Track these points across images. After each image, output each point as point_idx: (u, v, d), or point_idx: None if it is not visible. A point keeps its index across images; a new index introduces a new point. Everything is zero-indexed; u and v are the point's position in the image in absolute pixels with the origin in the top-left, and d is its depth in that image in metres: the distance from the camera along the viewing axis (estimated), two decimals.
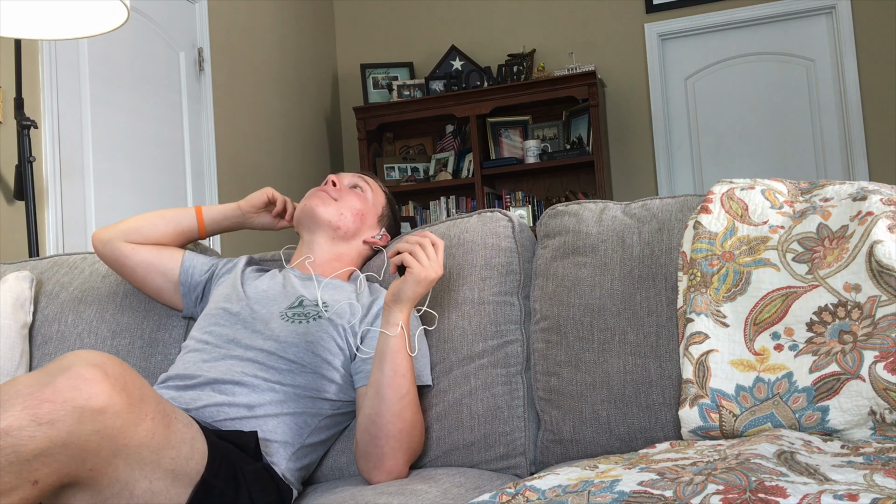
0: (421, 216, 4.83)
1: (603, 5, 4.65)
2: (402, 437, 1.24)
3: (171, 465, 1.02)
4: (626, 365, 1.30)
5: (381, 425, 1.23)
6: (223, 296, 1.44)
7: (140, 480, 0.98)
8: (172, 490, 1.03)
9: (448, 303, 1.42)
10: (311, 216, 1.49)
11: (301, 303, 1.39)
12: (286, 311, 1.37)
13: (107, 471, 0.95)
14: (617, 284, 1.35)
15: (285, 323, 1.34)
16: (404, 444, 1.25)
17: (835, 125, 4.36)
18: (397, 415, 1.23)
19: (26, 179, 2.46)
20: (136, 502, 0.99)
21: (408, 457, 1.27)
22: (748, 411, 1.14)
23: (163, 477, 1.01)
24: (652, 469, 0.87)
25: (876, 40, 4.26)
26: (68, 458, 0.89)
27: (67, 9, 2.26)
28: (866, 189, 1.26)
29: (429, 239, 1.28)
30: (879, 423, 1.07)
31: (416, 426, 1.27)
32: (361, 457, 1.26)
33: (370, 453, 1.25)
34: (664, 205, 1.42)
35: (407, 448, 1.26)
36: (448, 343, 1.40)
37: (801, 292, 1.18)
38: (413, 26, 5.00)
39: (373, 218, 1.55)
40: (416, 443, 1.28)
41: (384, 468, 1.24)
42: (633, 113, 4.62)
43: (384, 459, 1.24)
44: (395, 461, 1.24)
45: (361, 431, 1.26)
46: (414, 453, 1.29)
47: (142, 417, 0.97)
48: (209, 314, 1.42)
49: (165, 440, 1.01)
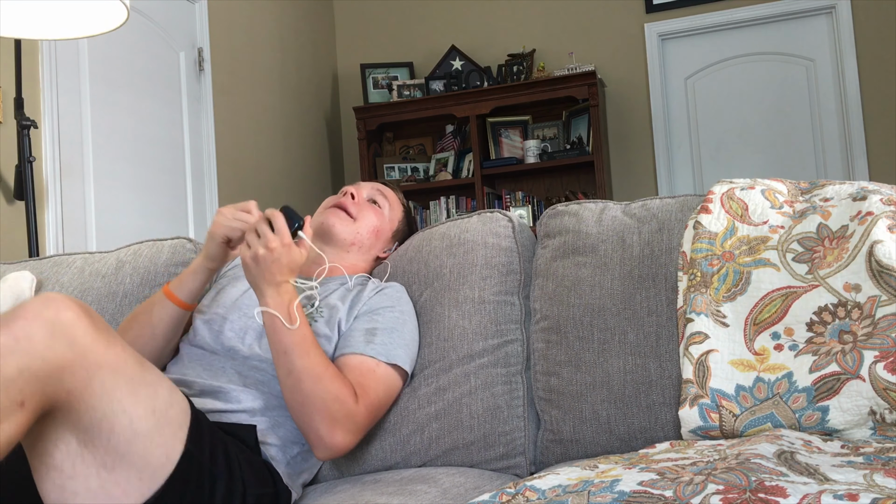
0: (421, 216, 4.83)
1: (603, 5, 4.65)
2: (307, 410, 1.21)
3: (149, 403, 1.01)
4: (626, 365, 1.30)
5: (289, 406, 1.23)
6: (220, 301, 1.43)
7: (119, 414, 0.98)
8: (157, 437, 1.02)
9: (448, 302, 1.42)
10: (328, 233, 1.48)
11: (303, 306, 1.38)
12: None
13: (84, 395, 0.95)
14: (617, 284, 1.35)
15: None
16: (314, 414, 1.20)
17: (835, 125, 4.36)
18: (291, 390, 1.21)
19: (26, 179, 2.46)
20: (117, 439, 0.98)
21: (329, 425, 1.21)
22: (748, 411, 1.14)
23: (144, 416, 1.00)
24: (652, 469, 0.87)
25: (876, 40, 4.26)
26: (47, 375, 0.91)
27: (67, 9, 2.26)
28: (866, 189, 1.26)
29: (262, 218, 1.25)
30: (879, 423, 1.07)
31: (322, 394, 1.20)
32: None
33: (302, 434, 1.25)
34: (664, 205, 1.42)
35: (321, 417, 1.20)
36: (448, 342, 1.40)
37: (801, 292, 1.18)
38: (413, 26, 5.00)
39: (388, 233, 1.55)
40: (334, 410, 1.21)
41: (312, 442, 1.23)
42: (633, 113, 4.62)
43: (308, 434, 1.23)
44: (315, 434, 1.21)
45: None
46: (337, 420, 1.22)
47: (111, 342, 0.99)
48: (206, 320, 1.40)
49: (140, 375, 1.01)
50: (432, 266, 1.47)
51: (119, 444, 0.98)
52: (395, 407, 1.39)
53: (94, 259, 1.74)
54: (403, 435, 1.37)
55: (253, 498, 1.15)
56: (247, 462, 1.17)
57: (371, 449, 1.38)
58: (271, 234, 1.23)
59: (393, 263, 1.53)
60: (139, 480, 1.01)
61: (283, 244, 1.23)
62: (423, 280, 1.46)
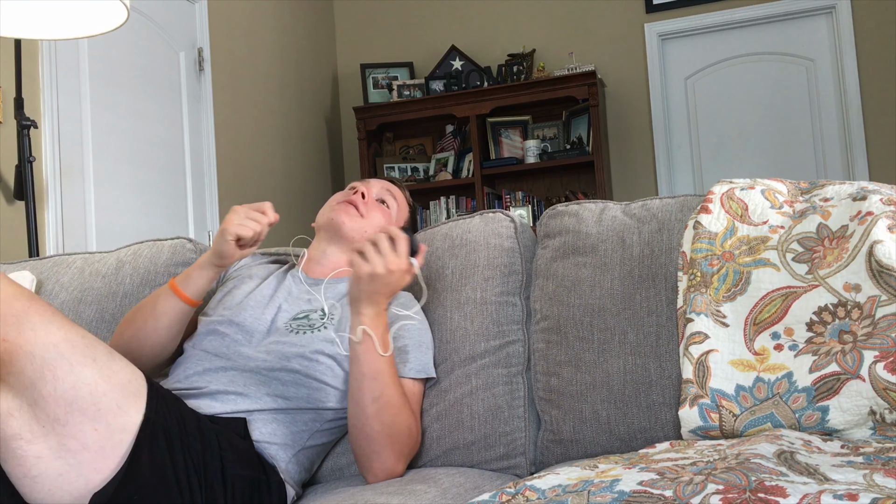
0: (421, 216, 4.83)
1: (603, 5, 4.65)
2: (382, 439, 1.22)
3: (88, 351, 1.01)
4: (626, 365, 1.30)
5: (360, 428, 1.23)
6: (226, 303, 1.42)
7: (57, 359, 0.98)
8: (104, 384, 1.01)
9: (450, 303, 1.42)
10: (336, 230, 1.47)
11: (307, 315, 1.37)
12: (290, 322, 1.36)
13: (18, 341, 0.96)
14: (617, 284, 1.35)
15: (289, 334, 1.33)
16: (387, 445, 1.23)
17: (835, 125, 4.36)
18: (373, 417, 1.21)
19: (26, 179, 2.46)
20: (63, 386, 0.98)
21: (396, 456, 1.24)
22: (748, 411, 1.14)
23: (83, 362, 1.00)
24: (652, 469, 0.87)
25: (876, 40, 4.26)
26: None
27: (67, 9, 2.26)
28: (866, 189, 1.26)
29: (384, 234, 1.24)
30: (879, 422, 1.07)
31: (398, 426, 1.24)
32: (356, 458, 1.27)
33: (359, 455, 1.25)
34: (664, 205, 1.42)
35: (392, 448, 1.23)
36: (450, 343, 1.40)
37: (800, 292, 1.18)
38: (413, 26, 5.00)
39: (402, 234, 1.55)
40: (404, 443, 1.25)
41: (372, 469, 1.24)
42: (633, 113, 4.62)
43: (371, 460, 1.24)
44: (381, 462, 1.23)
45: (350, 435, 1.26)
46: (403, 453, 1.27)
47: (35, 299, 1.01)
48: (210, 321, 1.39)
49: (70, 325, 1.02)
50: (434, 267, 1.47)
51: (66, 391, 0.98)
52: None
53: (94, 259, 1.74)
54: None
55: (232, 478, 1.14)
56: (228, 443, 1.17)
57: None
58: (394, 255, 1.21)
59: None
60: (95, 432, 1.01)
61: (401, 269, 1.22)
62: (425, 281, 1.46)
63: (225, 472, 1.13)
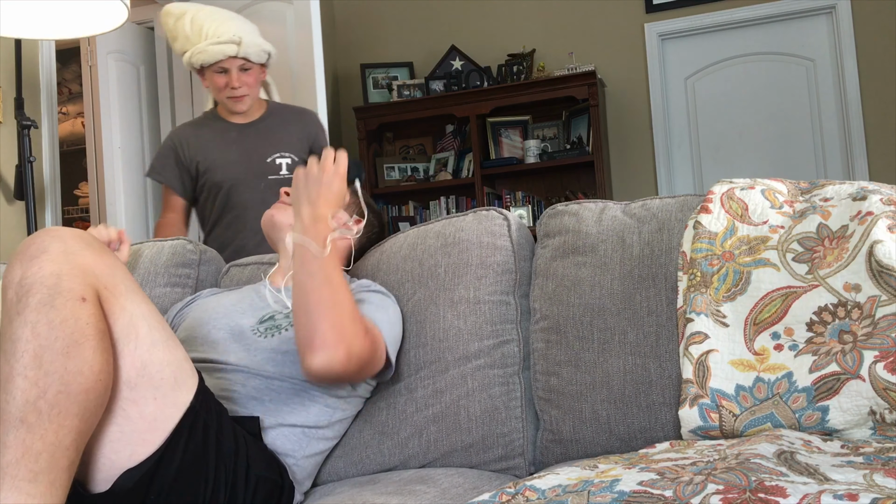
0: (421, 216, 4.83)
1: (603, 5, 4.65)
2: (321, 311, 1.17)
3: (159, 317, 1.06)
4: (626, 365, 1.30)
5: (299, 308, 1.20)
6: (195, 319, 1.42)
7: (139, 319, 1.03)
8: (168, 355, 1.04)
9: (443, 302, 1.42)
10: (270, 226, 1.50)
11: (272, 316, 1.38)
12: (257, 325, 1.36)
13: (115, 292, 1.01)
14: (617, 284, 1.35)
15: (257, 338, 1.33)
16: (325, 317, 1.18)
17: (835, 125, 4.36)
18: (310, 291, 1.19)
19: (26, 179, 2.47)
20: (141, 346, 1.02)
21: (336, 334, 1.17)
22: (748, 411, 1.14)
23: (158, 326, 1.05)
24: (652, 469, 0.87)
25: (876, 40, 4.26)
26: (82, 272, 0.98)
27: (67, 9, 2.26)
28: (866, 189, 1.26)
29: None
30: (879, 422, 1.07)
31: (340, 304, 1.20)
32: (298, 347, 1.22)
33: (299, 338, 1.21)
34: (664, 205, 1.42)
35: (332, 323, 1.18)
36: (444, 343, 1.39)
37: (801, 292, 1.18)
38: (413, 26, 4.99)
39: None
40: (346, 320, 1.19)
41: (312, 346, 1.17)
42: (633, 113, 4.61)
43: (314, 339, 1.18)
44: (321, 337, 1.17)
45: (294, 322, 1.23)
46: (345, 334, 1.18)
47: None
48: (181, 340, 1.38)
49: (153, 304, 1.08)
50: (427, 265, 1.46)
51: (143, 353, 1.01)
52: (392, 410, 1.39)
53: None
54: (402, 438, 1.37)
55: (255, 479, 1.14)
56: (254, 444, 1.18)
57: (369, 452, 1.38)
58: (331, 161, 1.30)
59: (386, 261, 1.52)
60: (154, 401, 1.02)
61: (336, 172, 1.29)
62: (418, 279, 1.46)
63: (249, 472, 1.13)
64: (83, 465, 0.99)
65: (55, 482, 0.88)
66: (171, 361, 1.04)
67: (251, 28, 2.47)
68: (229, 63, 2.38)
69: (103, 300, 0.99)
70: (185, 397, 1.05)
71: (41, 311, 0.92)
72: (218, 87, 2.42)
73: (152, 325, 1.04)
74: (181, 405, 1.04)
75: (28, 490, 0.86)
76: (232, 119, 2.50)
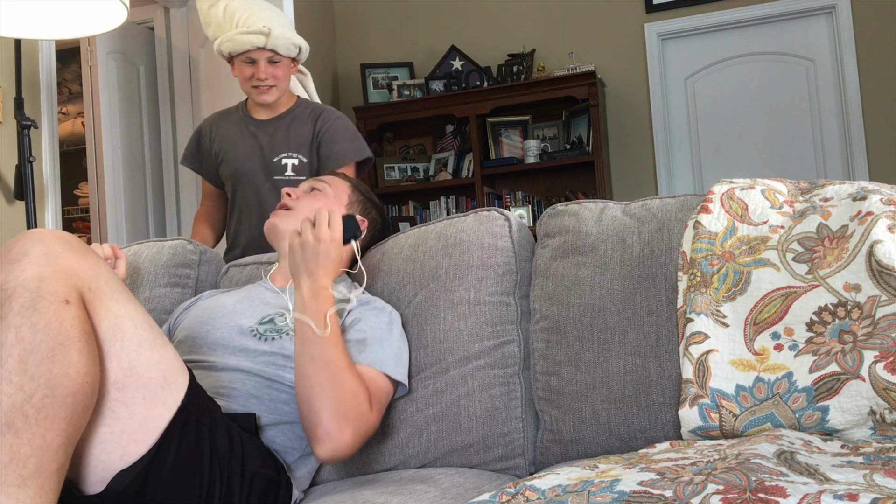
0: (421, 216, 4.83)
1: (603, 5, 4.65)
2: (322, 399, 1.17)
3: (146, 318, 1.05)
4: (626, 365, 1.30)
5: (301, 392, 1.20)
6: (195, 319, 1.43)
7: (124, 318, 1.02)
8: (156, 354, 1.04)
9: (444, 303, 1.42)
10: (272, 233, 1.49)
11: (272, 319, 1.37)
12: (256, 327, 1.36)
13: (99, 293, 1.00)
14: (617, 284, 1.35)
15: (256, 341, 1.33)
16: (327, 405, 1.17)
17: (835, 125, 4.36)
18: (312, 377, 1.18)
19: (26, 179, 2.47)
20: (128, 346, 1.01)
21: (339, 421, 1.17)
22: (748, 411, 1.14)
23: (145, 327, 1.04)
24: (652, 469, 0.87)
25: (876, 40, 4.26)
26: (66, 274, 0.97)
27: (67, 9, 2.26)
28: (866, 189, 1.26)
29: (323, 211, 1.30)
30: (879, 422, 1.07)
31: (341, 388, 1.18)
32: (305, 431, 1.22)
33: (305, 425, 1.20)
34: (664, 205, 1.42)
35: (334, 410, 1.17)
36: (444, 344, 1.39)
37: (801, 292, 1.18)
38: (413, 26, 4.99)
39: (338, 209, 1.51)
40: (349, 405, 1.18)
41: (317, 435, 1.17)
42: (633, 113, 4.61)
43: (315, 426, 1.17)
44: (323, 427, 1.16)
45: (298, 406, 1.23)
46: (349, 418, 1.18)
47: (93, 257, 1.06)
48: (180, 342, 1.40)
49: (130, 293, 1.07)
50: (428, 267, 1.46)
51: (130, 353, 1.01)
52: (392, 409, 1.39)
53: None
54: (402, 438, 1.37)
55: (251, 475, 1.14)
56: (249, 441, 1.17)
57: (370, 452, 1.38)
58: (326, 227, 1.28)
59: (387, 262, 1.52)
60: (144, 401, 1.01)
61: (332, 238, 1.27)
62: (419, 281, 1.46)
63: (245, 468, 1.13)
64: (76, 467, 0.99)
65: (44, 486, 0.88)
66: (159, 361, 1.04)
67: (284, 21, 2.42)
68: (257, 54, 2.33)
69: (87, 302, 0.98)
70: (175, 396, 1.05)
71: (24, 315, 0.91)
72: (245, 76, 2.38)
73: (138, 324, 1.03)
74: (172, 404, 1.04)
75: (17, 495, 0.85)
76: (255, 113, 2.47)
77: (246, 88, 2.42)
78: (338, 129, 2.46)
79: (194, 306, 1.51)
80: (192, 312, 1.46)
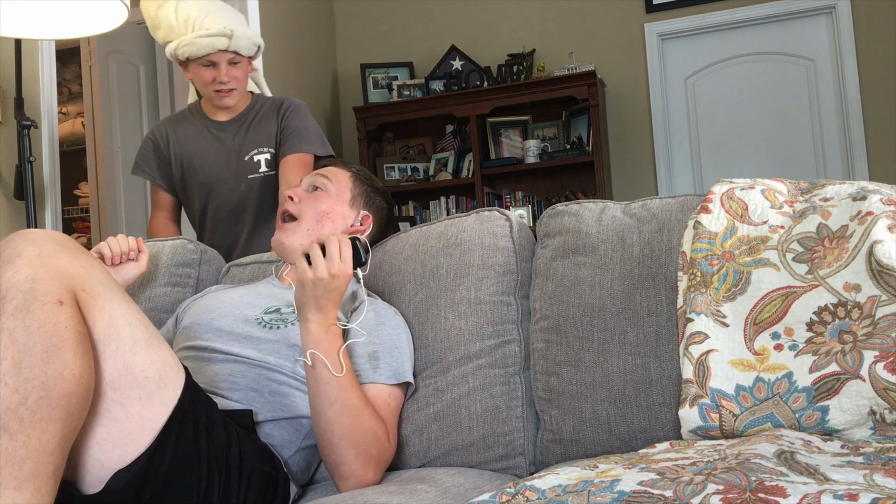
0: (421, 216, 4.83)
1: (603, 5, 4.65)
2: (344, 444, 1.19)
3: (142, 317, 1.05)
4: (626, 365, 1.30)
5: (322, 434, 1.21)
6: (201, 307, 1.43)
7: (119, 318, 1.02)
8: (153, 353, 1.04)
9: (445, 303, 1.42)
10: (279, 250, 1.47)
11: (278, 309, 1.38)
12: (262, 315, 1.36)
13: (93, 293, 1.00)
14: (617, 284, 1.35)
15: (261, 329, 1.33)
16: (349, 448, 1.19)
17: (835, 125, 4.36)
18: (332, 422, 1.19)
19: (26, 179, 2.47)
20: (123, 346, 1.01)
21: (362, 461, 1.21)
22: (748, 411, 1.14)
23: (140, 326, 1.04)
24: (652, 469, 0.87)
25: (876, 40, 4.26)
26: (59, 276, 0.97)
27: (67, 9, 2.26)
28: (866, 189, 1.26)
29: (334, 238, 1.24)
30: (879, 422, 1.07)
31: (360, 430, 1.20)
32: (327, 467, 1.24)
33: (328, 463, 1.23)
34: (664, 205, 1.42)
35: (356, 452, 1.20)
36: (445, 343, 1.39)
37: (801, 292, 1.18)
38: (413, 26, 4.99)
39: (342, 207, 1.50)
40: (369, 445, 1.21)
41: (341, 475, 1.21)
42: (633, 113, 4.61)
43: (338, 466, 1.21)
44: (348, 467, 1.20)
45: (317, 444, 1.24)
46: (371, 457, 1.22)
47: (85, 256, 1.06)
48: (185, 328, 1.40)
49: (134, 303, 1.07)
50: (429, 266, 1.46)
51: (125, 353, 1.01)
52: None
53: None
54: (402, 436, 1.37)
55: (249, 472, 1.14)
56: (247, 437, 1.18)
57: None
58: (338, 260, 1.21)
59: (388, 262, 1.52)
60: (140, 401, 1.01)
61: (346, 274, 1.22)
62: (419, 280, 1.46)
63: (242, 465, 1.13)
64: (74, 468, 0.99)
65: (41, 488, 0.88)
66: (154, 360, 1.04)
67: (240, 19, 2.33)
68: (218, 56, 2.23)
69: (81, 302, 0.98)
70: (171, 395, 1.05)
71: (18, 317, 0.91)
72: (205, 81, 2.27)
73: (133, 324, 1.03)
74: (168, 403, 1.04)
75: (13, 498, 0.85)
76: (213, 115, 2.38)
77: (207, 92, 2.32)
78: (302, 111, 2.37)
79: (202, 297, 1.51)
80: (200, 302, 1.47)
